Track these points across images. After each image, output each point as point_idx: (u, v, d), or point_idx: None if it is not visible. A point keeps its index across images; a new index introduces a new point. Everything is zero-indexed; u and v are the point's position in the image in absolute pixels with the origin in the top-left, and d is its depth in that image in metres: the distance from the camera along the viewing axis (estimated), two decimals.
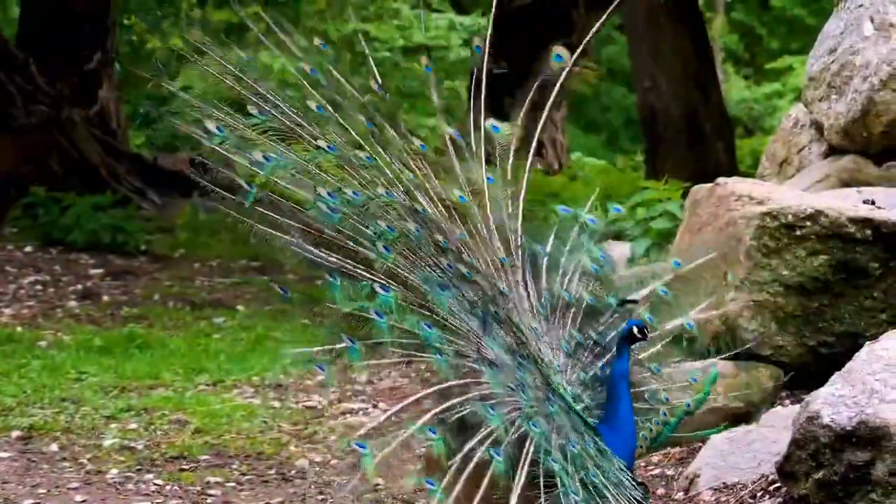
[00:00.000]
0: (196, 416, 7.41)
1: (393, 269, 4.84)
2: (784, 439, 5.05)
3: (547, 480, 4.56)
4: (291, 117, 5.04)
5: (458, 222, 5.03)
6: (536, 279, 5.04)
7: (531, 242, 5.09)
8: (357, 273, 4.85)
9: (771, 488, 5.15)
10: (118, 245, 13.54)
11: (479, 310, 4.84)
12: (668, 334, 5.12)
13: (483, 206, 5.05)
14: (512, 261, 5.01)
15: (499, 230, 5.04)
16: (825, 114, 7.54)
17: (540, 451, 4.58)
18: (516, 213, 5.09)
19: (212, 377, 8.49)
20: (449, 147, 5.15)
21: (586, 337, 5.01)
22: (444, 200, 5.04)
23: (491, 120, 5.15)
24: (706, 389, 5.13)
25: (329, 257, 4.88)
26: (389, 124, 5.10)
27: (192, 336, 9.82)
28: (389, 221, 4.92)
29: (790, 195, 6.26)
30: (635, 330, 4.95)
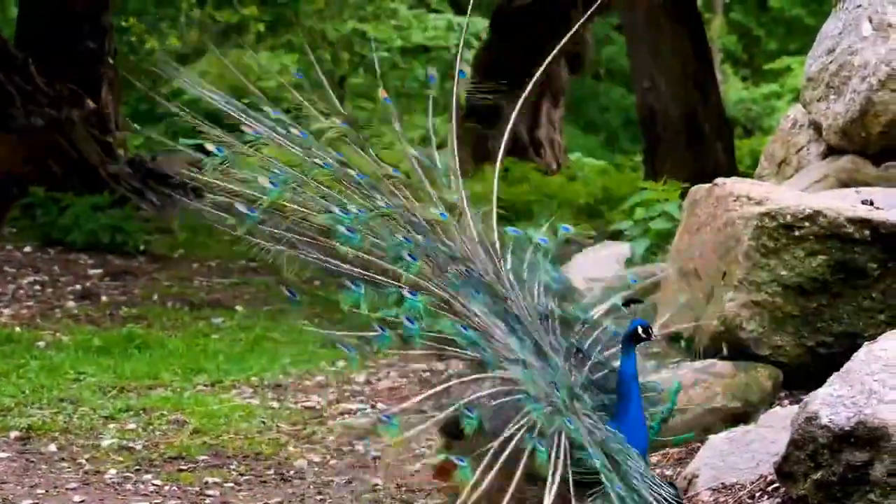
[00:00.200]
0: (194, 417, 7.41)
1: (416, 277, 4.92)
2: (783, 440, 5.05)
3: (583, 478, 4.62)
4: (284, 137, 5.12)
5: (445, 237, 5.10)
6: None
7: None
8: (380, 281, 4.92)
9: (769, 489, 5.15)
10: (117, 245, 13.54)
11: (505, 312, 4.90)
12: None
13: (463, 223, 5.14)
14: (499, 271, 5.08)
15: (481, 244, 5.13)
16: (823, 114, 7.53)
17: (577, 447, 4.64)
18: (491, 227, 5.16)
19: (210, 377, 8.49)
20: (418, 170, 5.20)
21: (570, 344, 5.07)
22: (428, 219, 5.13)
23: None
24: (672, 400, 5.24)
25: (346, 267, 4.93)
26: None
27: (191, 336, 9.81)
28: (402, 233, 4.98)
29: (789, 195, 6.25)
30: (640, 330, 4.98)
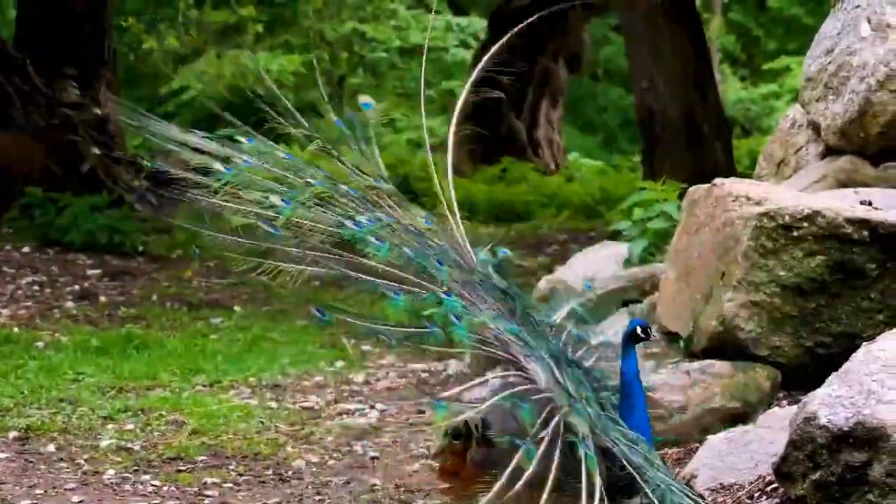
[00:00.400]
0: (193, 417, 7.41)
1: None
2: (781, 440, 5.05)
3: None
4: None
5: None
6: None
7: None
8: (412, 286, 4.94)
9: (768, 489, 5.15)
10: (115, 245, 13.54)
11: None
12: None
13: (447, 229, 5.17)
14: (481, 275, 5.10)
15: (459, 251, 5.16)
16: (822, 114, 7.53)
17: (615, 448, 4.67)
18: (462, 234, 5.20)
19: (209, 378, 8.48)
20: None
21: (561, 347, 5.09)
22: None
23: (363, 98, 5.26)
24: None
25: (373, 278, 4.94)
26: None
27: (190, 337, 9.81)
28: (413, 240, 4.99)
29: (787, 196, 6.25)
30: (639, 329, 4.98)
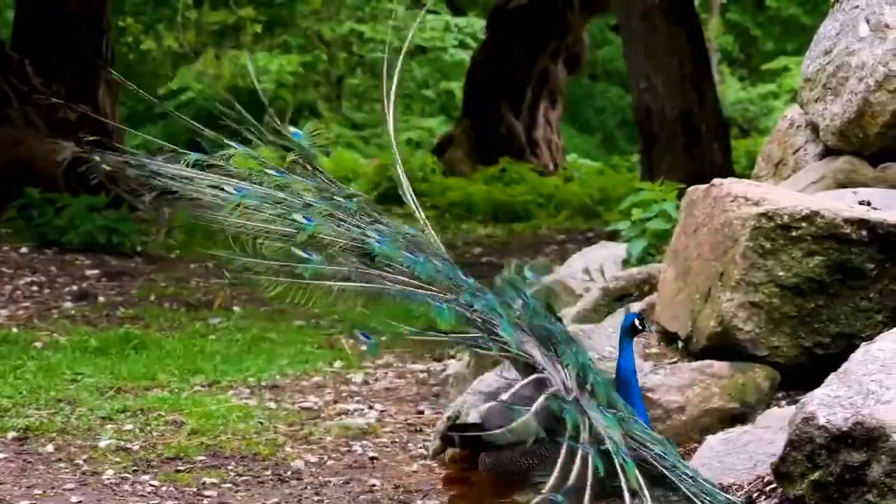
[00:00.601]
0: (192, 417, 7.41)
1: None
2: (780, 440, 5.05)
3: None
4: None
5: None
6: None
7: None
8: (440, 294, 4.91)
9: (767, 489, 5.15)
10: (114, 246, 13.54)
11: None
12: None
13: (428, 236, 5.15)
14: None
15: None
16: (821, 115, 7.53)
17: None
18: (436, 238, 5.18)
19: (208, 378, 8.48)
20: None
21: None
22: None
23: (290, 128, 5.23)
24: None
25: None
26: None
27: (188, 337, 9.81)
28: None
29: (786, 196, 6.25)
30: (636, 322, 4.96)
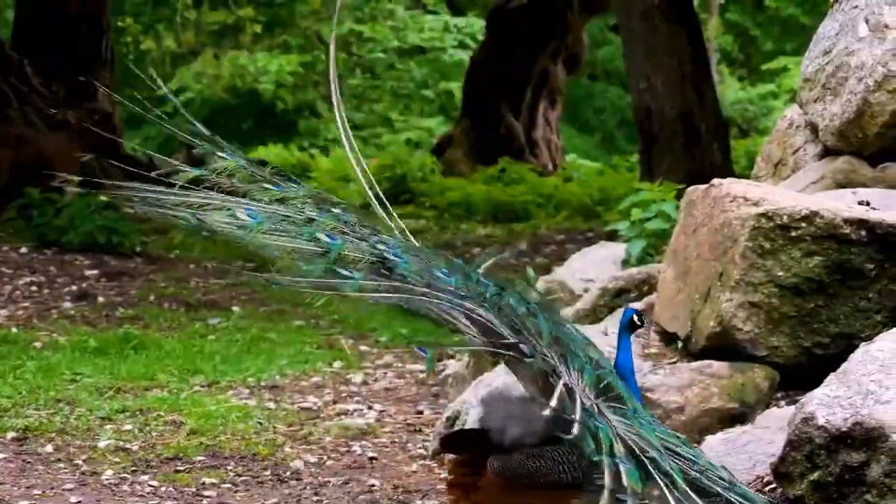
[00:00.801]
0: (191, 418, 7.41)
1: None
2: (779, 440, 5.06)
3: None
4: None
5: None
6: None
7: None
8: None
9: (766, 489, 5.15)
10: (113, 246, 13.54)
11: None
12: None
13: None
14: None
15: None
16: (820, 115, 7.53)
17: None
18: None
19: (207, 378, 8.48)
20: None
21: None
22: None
23: None
24: None
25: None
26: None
27: (188, 337, 9.81)
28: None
29: (785, 196, 6.25)
30: (635, 317, 4.95)
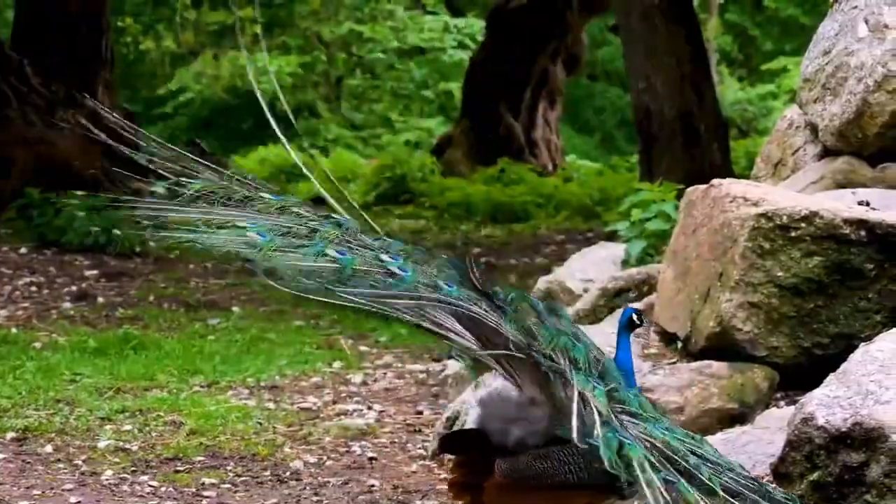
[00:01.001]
0: (191, 418, 7.41)
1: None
2: (779, 440, 5.06)
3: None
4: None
5: None
6: None
7: None
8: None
9: None
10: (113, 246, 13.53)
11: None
12: None
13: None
14: None
15: None
16: (820, 115, 7.53)
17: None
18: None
19: (206, 378, 8.48)
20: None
21: None
22: None
23: None
24: None
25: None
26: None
27: (187, 337, 9.81)
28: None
29: (785, 196, 6.26)
30: (634, 317, 4.95)
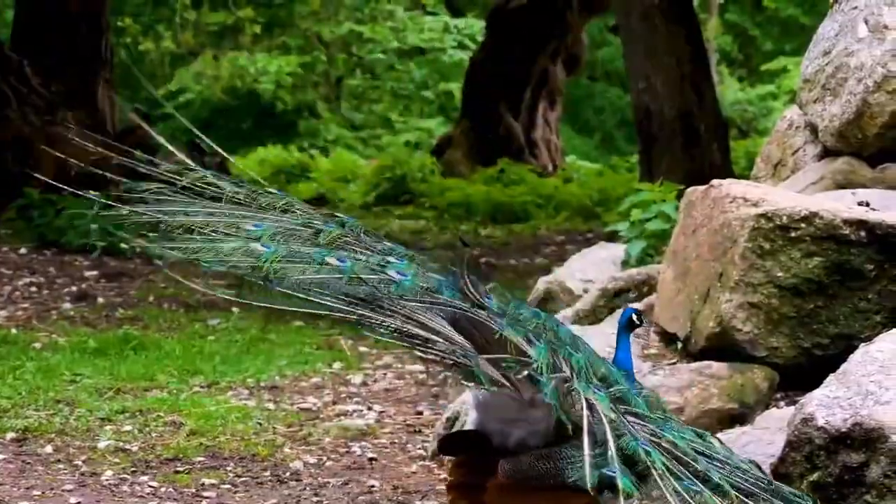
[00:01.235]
0: (191, 418, 7.41)
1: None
2: (779, 441, 5.06)
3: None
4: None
5: None
6: None
7: None
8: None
9: None
10: (113, 247, 13.52)
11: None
12: None
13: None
14: None
15: None
16: (820, 116, 7.53)
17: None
18: None
19: (206, 379, 8.48)
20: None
21: None
22: None
23: None
24: None
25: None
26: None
27: (187, 338, 9.81)
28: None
29: (785, 197, 6.26)
30: (634, 317, 4.94)
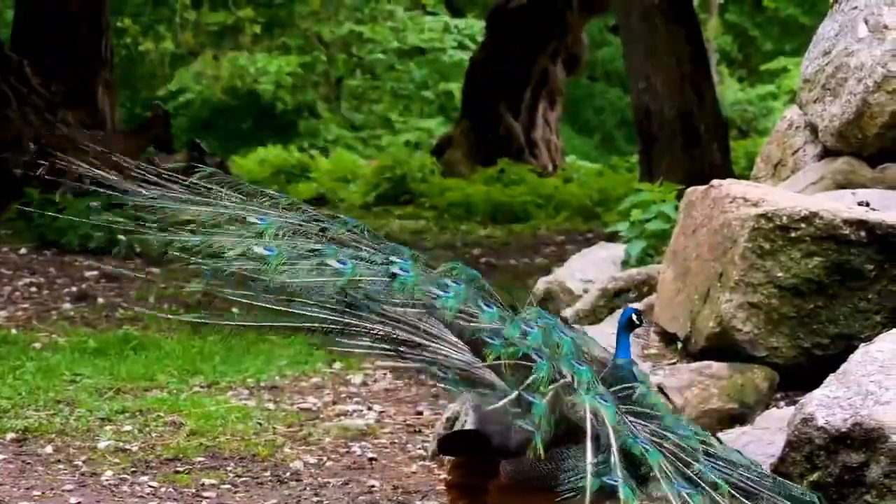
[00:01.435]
0: (191, 418, 7.41)
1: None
2: (779, 441, 5.06)
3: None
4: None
5: None
6: None
7: None
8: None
9: None
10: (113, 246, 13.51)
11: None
12: None
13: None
14: None
15: None
16: (820, 116, 7.53)
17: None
18: None
19: (206, 379, 8.48)
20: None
21: None
22: None
23: None
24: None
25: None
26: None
27: (187, 338, 9.80)
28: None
29: (785, 197, 6.26)
30: (634, 317, 4.95)
